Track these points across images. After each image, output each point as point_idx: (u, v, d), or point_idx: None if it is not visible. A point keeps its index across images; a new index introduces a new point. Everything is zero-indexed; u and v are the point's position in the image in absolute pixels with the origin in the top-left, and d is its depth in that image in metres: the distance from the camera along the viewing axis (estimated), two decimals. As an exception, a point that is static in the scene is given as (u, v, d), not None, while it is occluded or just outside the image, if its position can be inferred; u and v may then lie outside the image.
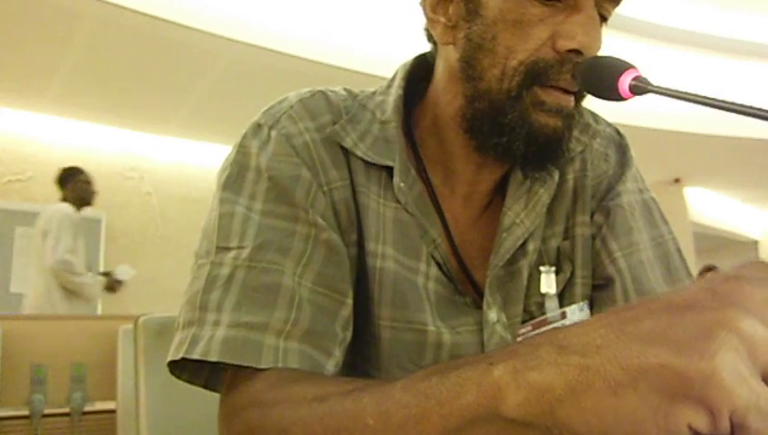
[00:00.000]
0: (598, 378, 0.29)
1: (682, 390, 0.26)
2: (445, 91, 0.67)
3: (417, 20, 0.69)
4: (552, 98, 0.61)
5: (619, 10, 0.64)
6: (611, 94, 0.53)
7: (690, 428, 0.26)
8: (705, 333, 0.27)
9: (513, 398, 0.33)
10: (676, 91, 0.44)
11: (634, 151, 0.76)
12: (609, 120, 0.79)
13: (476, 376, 0.36)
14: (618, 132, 0.78)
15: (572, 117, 0.63)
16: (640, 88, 0.50)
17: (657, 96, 0.50)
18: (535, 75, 0.60)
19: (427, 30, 0.69)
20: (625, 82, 0.52)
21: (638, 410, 0.27)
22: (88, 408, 2.55)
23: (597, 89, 0.56)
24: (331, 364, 0.57)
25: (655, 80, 0.51)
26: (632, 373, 0.28)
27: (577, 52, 0.59)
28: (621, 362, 0.28)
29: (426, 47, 0.73)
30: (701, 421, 0.26)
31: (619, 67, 0.53)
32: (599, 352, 0.30)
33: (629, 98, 0.53)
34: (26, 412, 2.44)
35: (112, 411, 2.10)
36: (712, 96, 0.41)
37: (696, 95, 0.43)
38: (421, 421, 0.38)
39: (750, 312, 0.27)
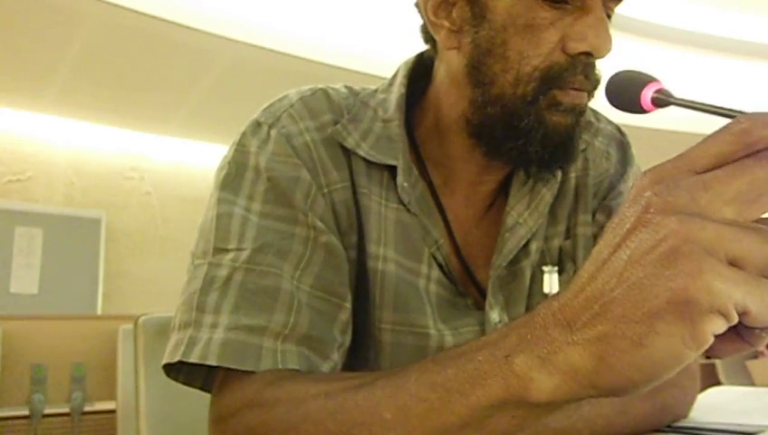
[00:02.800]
0: (619, 340, 0.31)
1: (695, 311, 0.29)
2: (447, 95, 0.66)
3: (417, 20, 0.68)
4: (568, 98, 0.60)
5: (619, 10, 0.64)
6: (633, 107, 0.54)
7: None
8: (674, 256, 0.29)
9: (547, 384, 0.34)
10: (699, 102, 0.44)
11: (636, 150, 0.76)
12: (610, 119, 0.78)
13: (496, 369, 0.36)
14: (619, 130, 0.78)
15: (583, 113, 0.63)
16: (662, 100, 0.51)
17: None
18: (551, 80, 0.60)
19: (424, 31, 0.68)
20: (647, 94, 0.52)
21: (668, 347, 0.30)
22: (88, 408, 2.55)
23: (619, 102, 0.56)
24: (328, 368, 0.56)
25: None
26: (647, 322, 0.30)
27: (587, 54, 0.59)
28: (631, 317, 0.30)
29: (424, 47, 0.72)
30: (717, 325, 0.29)
31: (642, 80, 0.53)
32: (605, 316, 0.31)
33: (651, 111, 0.53)
34: (26, 412, 2.43)
35: (112, 411, 2.10)
36: (734, 107, 0.41)
37: (717, 107, 0.42)
38: (444, 413, 0.38)
39: (688, 213, 0.30)
